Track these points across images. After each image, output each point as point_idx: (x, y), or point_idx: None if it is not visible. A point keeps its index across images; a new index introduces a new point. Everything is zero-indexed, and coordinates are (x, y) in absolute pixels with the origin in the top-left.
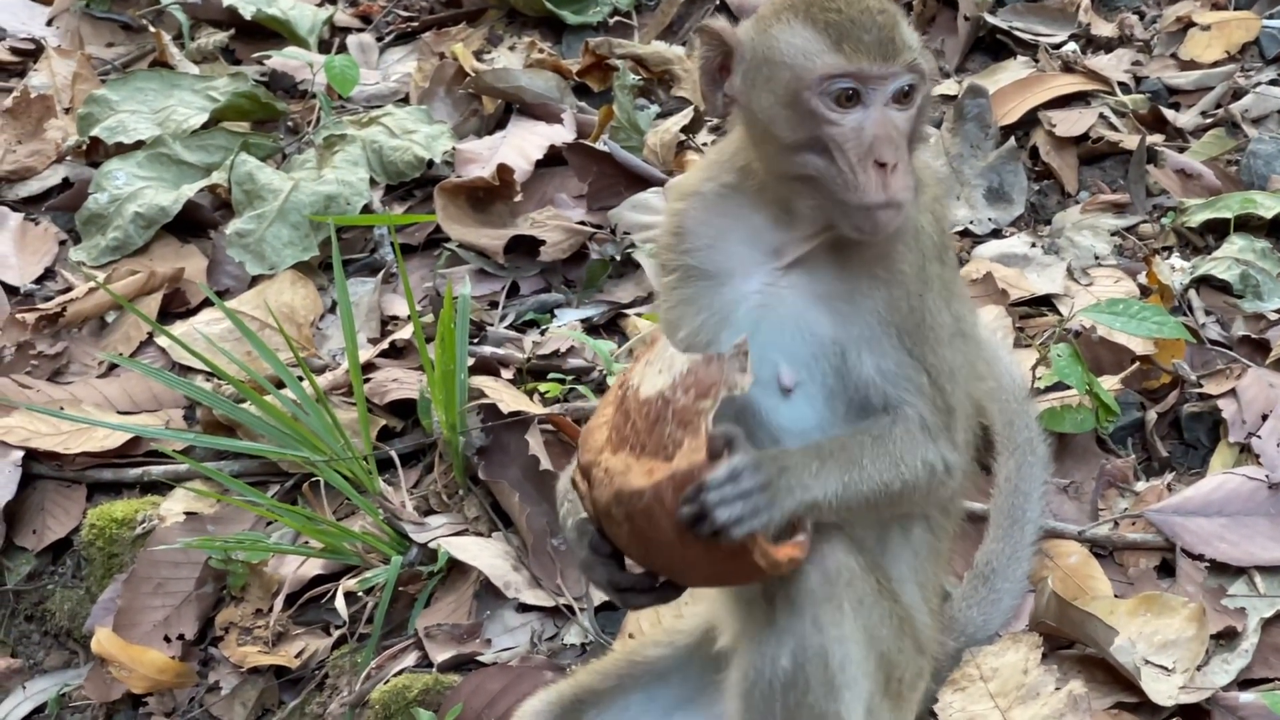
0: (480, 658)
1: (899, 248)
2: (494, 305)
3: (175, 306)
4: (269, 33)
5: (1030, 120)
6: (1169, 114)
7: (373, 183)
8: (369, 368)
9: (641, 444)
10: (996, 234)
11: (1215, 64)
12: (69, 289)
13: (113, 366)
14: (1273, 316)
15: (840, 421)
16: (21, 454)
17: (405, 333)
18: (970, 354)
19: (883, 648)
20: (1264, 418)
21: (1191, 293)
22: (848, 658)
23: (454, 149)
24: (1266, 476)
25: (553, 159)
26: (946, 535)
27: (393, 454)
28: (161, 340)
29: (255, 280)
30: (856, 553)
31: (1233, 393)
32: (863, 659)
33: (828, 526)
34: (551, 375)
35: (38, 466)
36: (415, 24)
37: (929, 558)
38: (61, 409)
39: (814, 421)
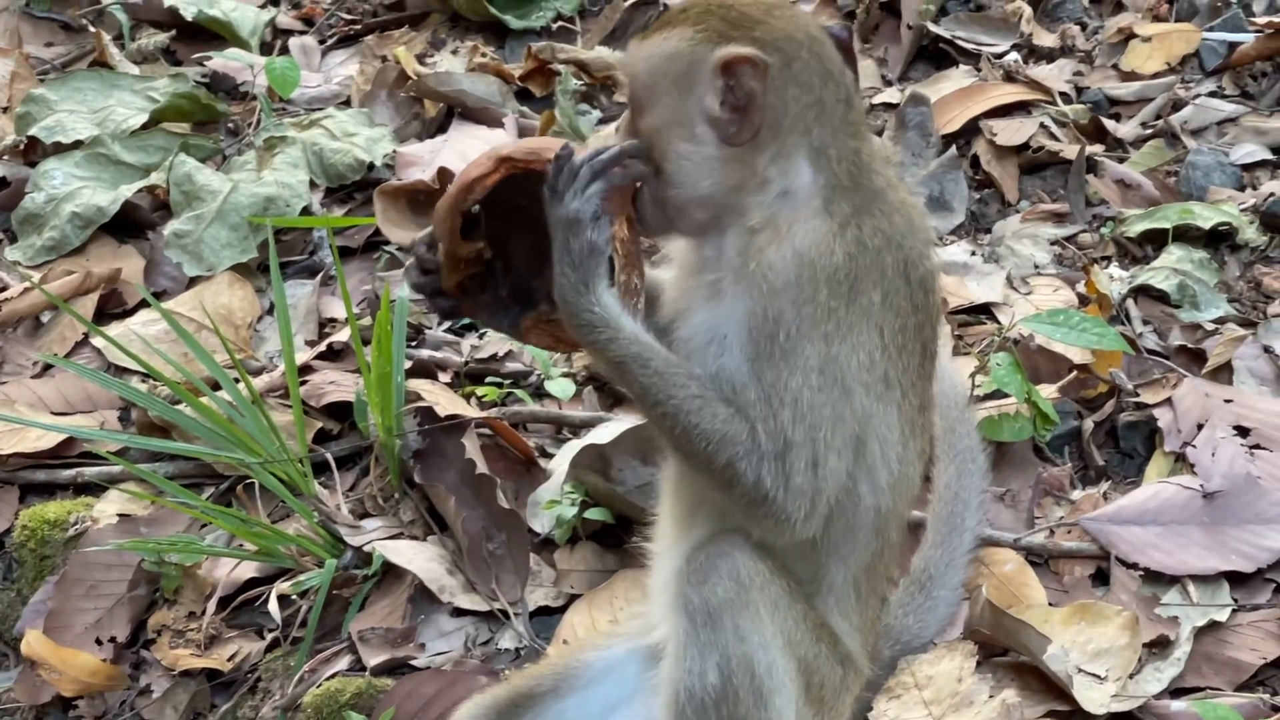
0: (414, 662)
1: (769, 254)
2: None
3: (112, 307)
4: (210, 34)
5: (972, 129)
6: (1109, 124)
7: (313, 185)
8: (306, 370)
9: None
10: (937, 242)
11: (1155, 75)
12: (4, 288)
13: (47, 367)
14: (1209, 326)
15: None
16: None
17: (343, 335)
18: (847, 412)
19: (800, 652)
20: (1199, 427)
21: (1129, 302)
22: (773, 664)
23: (395, 152)
24: (1201, 486)
25: None
26: (871, 558)
27: (328, 457)
28: (97, 341)
29: (193, 281)
30: (764, 557)
31: (1168, 402)
32: (785, 663)
33: (732, 531)
34: (489, 379)
35: None
36: (358, 27)
37: (860, 579)
38: None
39: None
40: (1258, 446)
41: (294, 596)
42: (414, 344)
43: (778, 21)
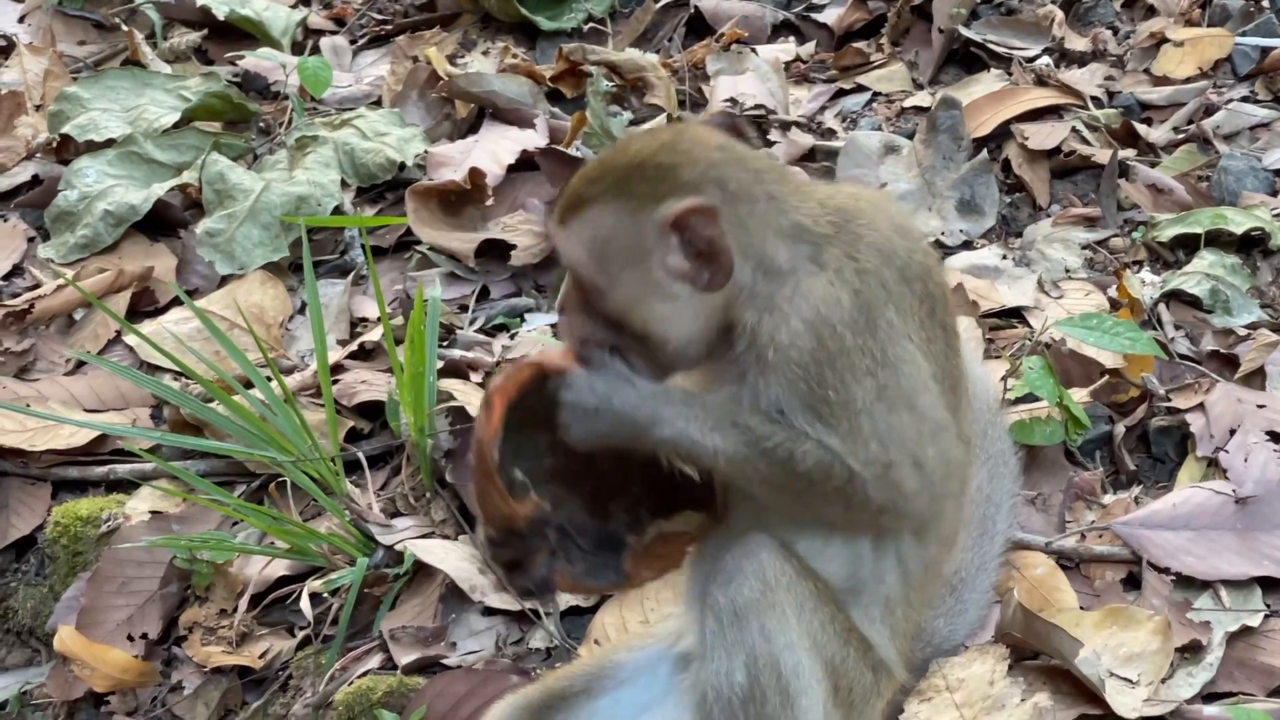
0: (445, 661)
1: (781, 337)
2: (464, 309)
3: (144, 305)
4: (242, 33)
5: (1003, 133)
6: (1141, 129)
7: (344, 184)
8: (338, 369)
9: None
10: (968, 245)
11: (1188, 80)
12: (37, 286)
13: (80, 364)
14: (1242, 332)
15: None
16: None
17: (374, 335)
18: (923, 409)
19: (828, 654)
20: (1231, 432)
21: (1161, 307)
22: (799, 664)
23: (426, 152)
24: (1233, 491)
25: (525, 164)
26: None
27: (360, 455)
28: (130, 338)
29: (225, 280)
30: (790, 557)
31: (1201, 407)
32: (811, 664)
33: (754, 532)
34: None
35: (2, 464)
36: (389, 27)
37: (906, 578)
38: (28, 406)
39: None
40: None
41: (325, 595)
42: (445, 344)
43: (692, 152)
